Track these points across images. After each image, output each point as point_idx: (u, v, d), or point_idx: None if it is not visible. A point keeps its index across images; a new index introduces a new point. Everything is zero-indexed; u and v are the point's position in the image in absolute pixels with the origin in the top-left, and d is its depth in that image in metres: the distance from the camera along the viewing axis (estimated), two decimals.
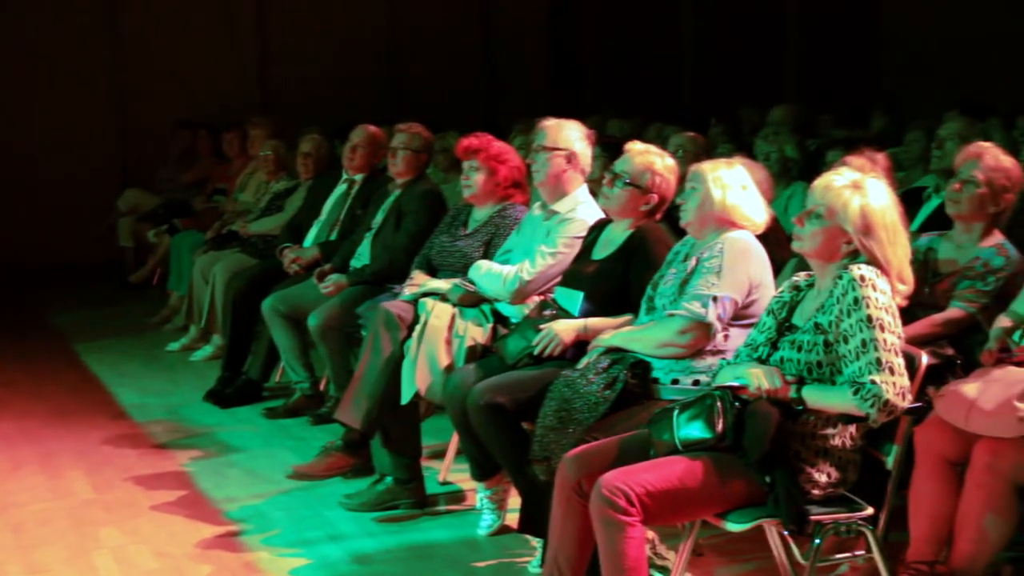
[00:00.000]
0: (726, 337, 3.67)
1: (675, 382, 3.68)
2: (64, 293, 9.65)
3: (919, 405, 3.26)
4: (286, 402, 6.03)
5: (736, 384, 3.18)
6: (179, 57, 11.25)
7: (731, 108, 9.63)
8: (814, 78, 11.38)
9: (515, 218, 4.84)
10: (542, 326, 4.11)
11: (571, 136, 4.55)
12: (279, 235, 6.75)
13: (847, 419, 3.17)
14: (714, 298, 3.62)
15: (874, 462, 3.31)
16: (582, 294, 4.15)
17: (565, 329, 4.07)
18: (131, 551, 4.29)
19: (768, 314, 3.40)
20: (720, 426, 3.13)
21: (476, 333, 4.48)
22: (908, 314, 3.48)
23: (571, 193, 4.55)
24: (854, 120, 8.98)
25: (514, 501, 4.25)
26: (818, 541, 3.17)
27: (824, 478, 3.19)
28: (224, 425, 5.89)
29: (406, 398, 4.43)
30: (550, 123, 4.59)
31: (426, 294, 4.67)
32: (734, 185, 3.74)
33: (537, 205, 4.68)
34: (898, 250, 3.21)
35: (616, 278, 4.11)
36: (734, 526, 3.17)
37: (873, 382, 3.04)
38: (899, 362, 3.08)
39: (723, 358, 3.59)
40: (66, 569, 4.15)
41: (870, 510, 3.22)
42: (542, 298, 4.38)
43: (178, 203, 8.94)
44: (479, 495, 4.42)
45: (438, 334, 4.43)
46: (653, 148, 4.25)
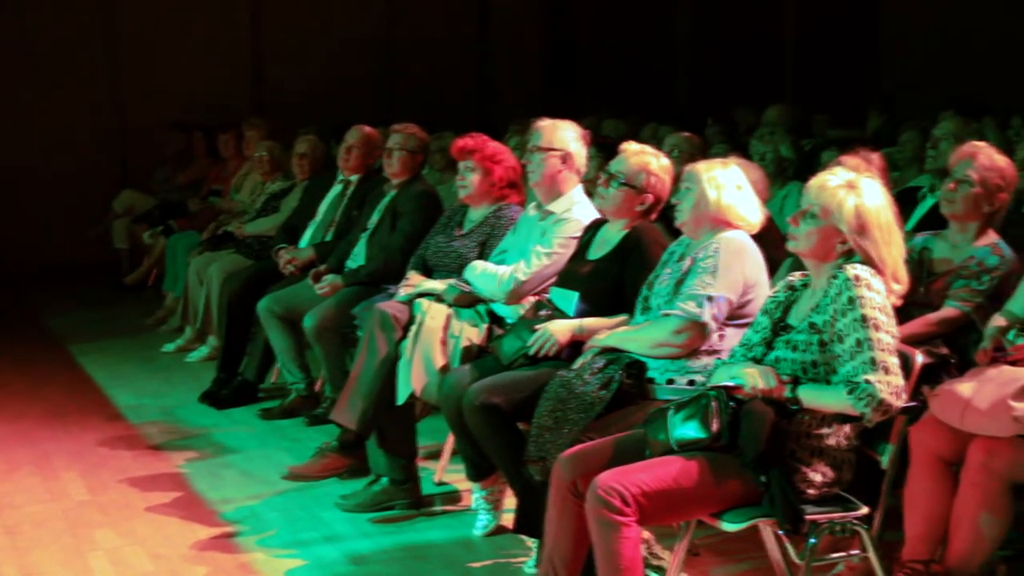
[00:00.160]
0: (721, 337, 3.67)
1: (670, 382, 3.68)
2: (59, 294, 9.63)
3: (914, 404, 3.26)
4: (282, 403, 6.02)
5: (731, 384, 3.19)
6: (175, 58, 11.25)
7: (728, 108, 9.64)
8: (811, 78, 11.40)
9: (510, 218, 4.84)
10: (537, 326, 4.10)
11: (566, 136, 4.55)
12: (275, 236, 6.74)
13: (842, 419, 3.18)
14: (709, 298, 3.62)
15: (869, 461, 3.31)
16: (577, 294, 4.15)
17: (560, 329, 4.07)
18: (127, 553, 4.29)
19: (763, 314, 3.40)
20: (715, 426, 3.13)
21: (472, 334, 4.48)
22: (903, 313, 3.48)
23: (566, 193, 4.55)
24: (850, 120, 8.99)
25: (510, 501, 4.25)
26: (813, 540, 3.17)
27: (819, 477, 3.19)
28: (220, 426, 5.88)
29: (402, 399, 4.42)
30: (545, 123, 4.59)
31: (422, 295, 4.67)
32: (729, 185, 3.75)
33: (532, 205, 4.68)
34: (893, 250, 3.21)
35: (611, 278, 4.11)
36: (729, 526, 3.17)
37: (868, 382, 3.04)
38: (894, 361, 3.08)
39: (718, 358, 3.59)
40: (61, 571, 4.14)
41: (865, 509, 3.23)
42: (537, 298, 4.37)
43: (174, 204, 8.91)
44: (475, 495, 4.42)
45: (433, 335, 4.43)
46: (648, 148, 4.25)
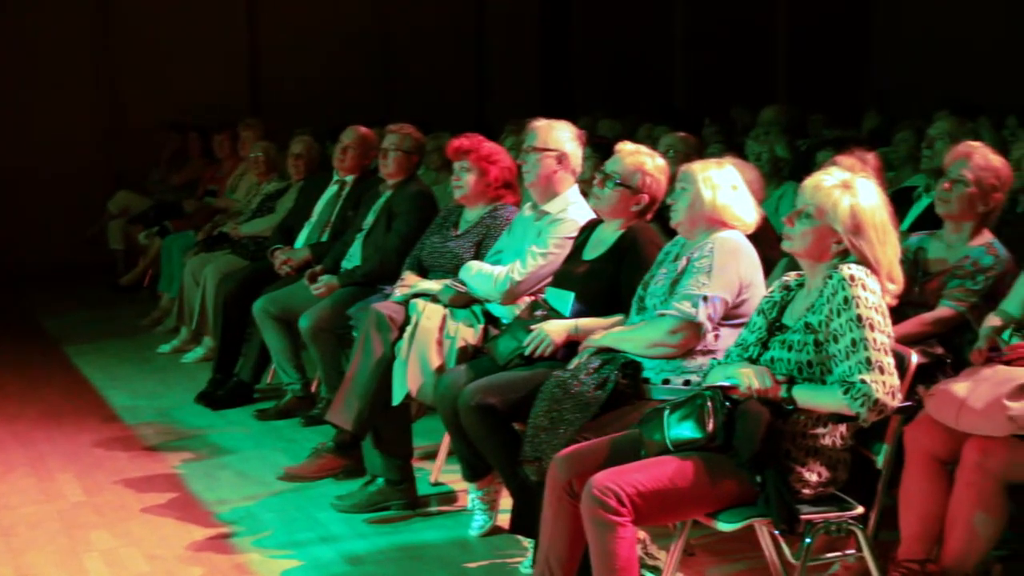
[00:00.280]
0: (716, 337, 3.67)
1: (666, 382, 3.68)
2: (55, 295, 9.63)
3: (909, 404, 3.26)
4: (277, 404, 6.02)
5: (727, 384, 3.18)
6: (170, 59, 11.25)
7: (724, 108, 9.65)
8: (807, 78, 11.42)
9: (506, 219, 4.83)
10: (533, 327, 4.10)
11: (561, 137, 4.55)
12: (270, 236, 6.74)
13: (837, 418, 3.18)
14: (704, 298, 3.62)
15: (864, 461, 3.31)
16: (573, 294, 4.15)
17: (556, 330, 4.07)
18: (122, 554, 4.28)
19: (758, 314, 3.40)
20: (711, 426, 3.13)
21: (467, 334, 4.47)
22: (898, 313, 3.48)
23: (562, 194, 4.55)
24: (846, 120, 9.00)
25: (505, 502, 4.25)
26: (809, 540, 3.17)
27: (814, 477, 3.19)
28: (215, 427, 5.88)
29: (397, 399, 4.42)
30: (540, 124, 4.59)
31: (417, 295, 4.66)
32: (724, 185, 3.75)
33: (528, 206, 4.67)
34: (888, 249, 3.21)
35: (607, 278, 4.11)
36: (725, 526, 3.17)
37: (863, 381, 3.04)
38: (889, 361, 3.08)
39: (714, 358, 3.59)
40: (57, 572, 4.13)
41: (860, 509, 3.23)
42: (533, 299, 4.37)
43: (169, 205, 8.91)
44: (470, 496, 4.42)
45: (429, 335, 4.43)
46: (643, 148, 4.25)
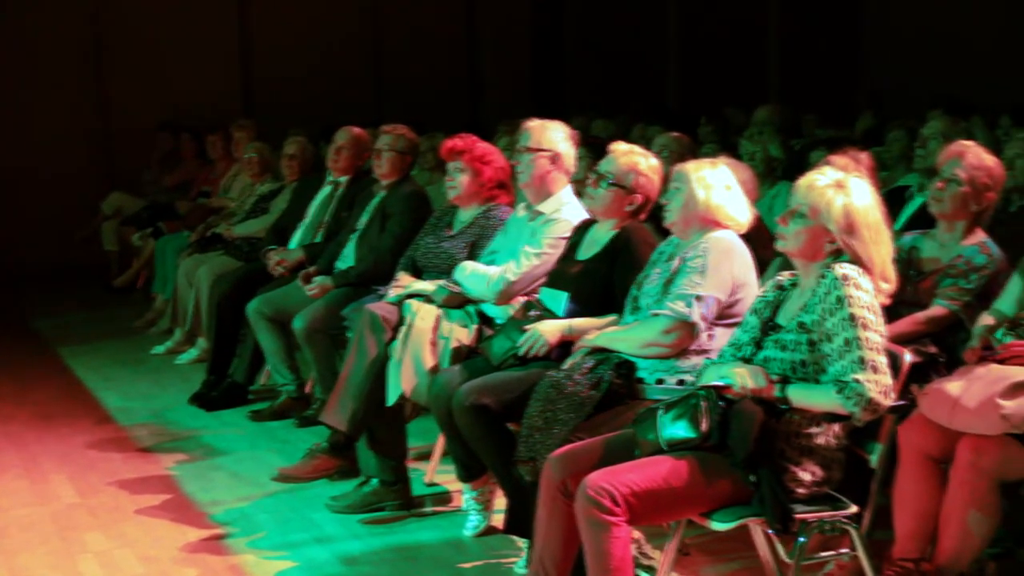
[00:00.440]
0: (710, 337, 3.67)
1: (660, 382, 3.68)
2: (48, 297, 9.61)
3: (903, 403, 3.27)
4: (271, 405, 6.01)
5: (721, 383, 3.19)
6: (163, 60, 11.24)
7: (717, 108, 9.66)
8: (800, 78, 11.43)
9: (500, 219, 4.83)
10: (527, 327, 4.10)
11: (555, 137, 4.55)
12: (264, 237, 6.74)
13: (831, 418, 3.18)
14: (698, 297, 3.62)
15: (858, 460, 3.31)
16: (567, 294, 4.16)
17: (550, 330, 4.07)
18: (116, 555, 4.28)
19: (752, 313, 3.40)
20: (705, 425, 3.13)
21: (461, 334, 4.47)
22: (891, 312, 3.48)
23: (556, 194, 4.55)
24: (840, 120, 9.01)
25: (500, 502, 4.25)
26: (803, 539, 3.18)
27: (809, 477, 3.19)
28: (209, 428, 5.87)
29: (391, 400, 4.42)
30: (534, 124, 4.59)
31: (411, 296, 4.66)
32: (718, 185, 3.75)
33: (522, 206, 4.67)
34: (881, 249, 3.21)
35: (601, 278, 4.12)
36: (719, 525, 3.17)
37: (857, 381, 3.04)
38: (883, 360, 3.08)
39: (707, 357, 3.60)
40: (51, 574, 4.13)
41: (855, 508, 3.23)
42: (527, 299, 4.37)
43: (162, 206, 8.89)
44: (465, 496, 4.42)
45: (423, 336, 4.43)
46: (637, 148, 4.25)
